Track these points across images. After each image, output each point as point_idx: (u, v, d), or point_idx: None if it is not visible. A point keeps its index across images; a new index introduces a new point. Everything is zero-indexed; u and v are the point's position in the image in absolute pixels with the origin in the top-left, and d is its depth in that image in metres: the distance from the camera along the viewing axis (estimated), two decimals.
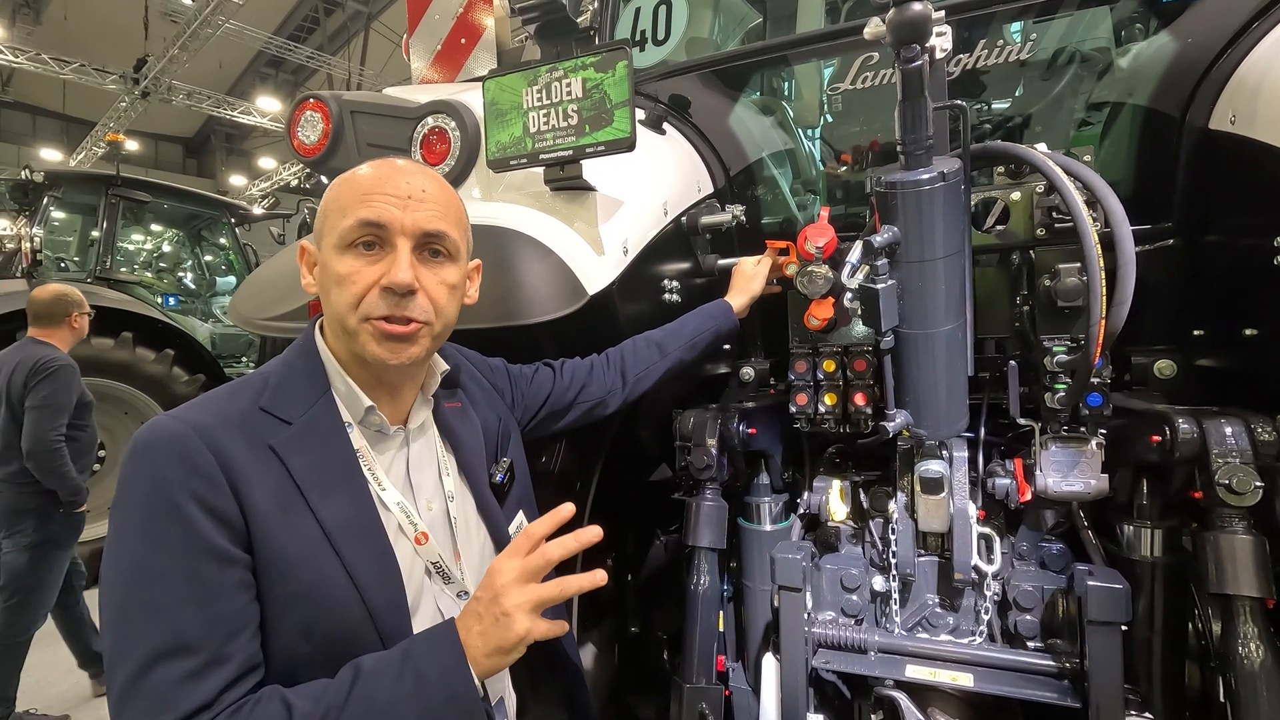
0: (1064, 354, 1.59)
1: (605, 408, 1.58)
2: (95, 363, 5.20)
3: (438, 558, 1.10)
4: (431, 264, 1.07)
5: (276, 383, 1.05)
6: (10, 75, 17.70)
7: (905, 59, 1.25)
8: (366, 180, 1.04)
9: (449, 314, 1.10)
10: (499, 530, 1.24)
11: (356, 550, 0.98)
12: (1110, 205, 1.43)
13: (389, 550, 1.02)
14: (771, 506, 2.05)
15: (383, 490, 1.07)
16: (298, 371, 1.08)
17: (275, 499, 0.95)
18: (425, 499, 1.14)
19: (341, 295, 1.02)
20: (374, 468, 1.07)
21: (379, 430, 1.10)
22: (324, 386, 1.07)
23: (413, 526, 1.08)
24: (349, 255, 1.02)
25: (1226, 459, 1.43)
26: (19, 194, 6.22)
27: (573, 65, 1.50)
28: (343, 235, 1.02)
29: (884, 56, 1.94)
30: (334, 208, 1.04)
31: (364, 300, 1.01)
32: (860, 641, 1.70)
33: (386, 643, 0.98)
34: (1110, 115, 1.91)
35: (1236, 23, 1.61)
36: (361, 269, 1.01)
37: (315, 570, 0.95)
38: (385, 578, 1.01)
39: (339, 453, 1.04)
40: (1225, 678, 1.43)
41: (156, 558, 0.87)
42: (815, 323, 1.78)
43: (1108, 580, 1.45)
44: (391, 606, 1.01)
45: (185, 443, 0.91)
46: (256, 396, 1.02)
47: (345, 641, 0.96)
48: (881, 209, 1.45)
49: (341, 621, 0.96)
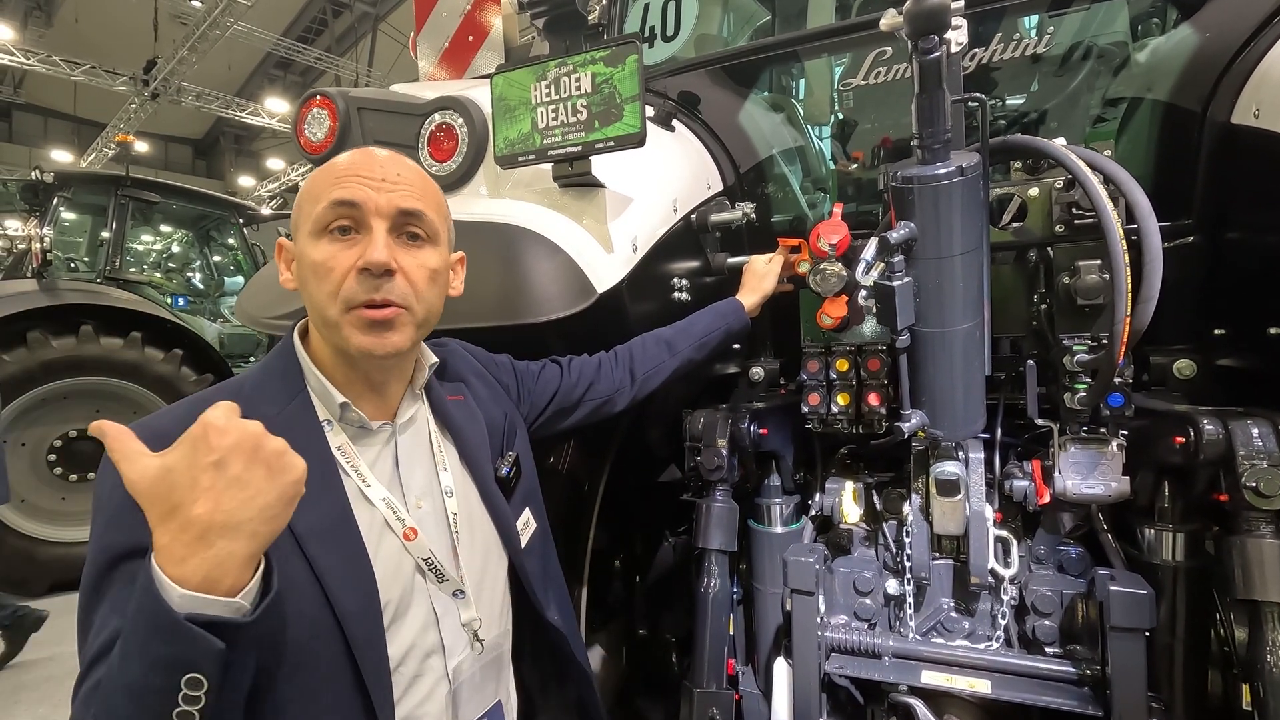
0: (1084, 353, 1.56)
1: (613, 406, 1.56)
2: (104, 362, 5.23)
3: (429, 554, 1.07)
4: (410, 247, 1.04)
5: (253, 385, 1.04)
6: (22, 77, 17.88)
7: (923, 50, 1.22)
8: (340, 165, 1.02)
9: (430, 300, 1.07)
10: (505, 525, 1.22)
11: (325, 552, 0.95)
12: (1136, 199, 1.40)
13: (362, 553, 0.99)
14: (783, 508, 2.01)
15: (367, 486, 1.04)
16: (274, 372, 1.06)
17: None
18: (415, 496, 1.11)
19: (320, 285, 0.99)
20: (357, 464, 1.04)
21: (361, 426, 1.07)
22: (299, 385, 1.05)
23: (400, 523, 1.05)
24: (324, 241, 0.99)
25: (1253, 461, 1.39)
26: (30, 194, 6.26)
27: (582, 60, 1.47)
28: (316, 220, 0.99)
29: (897, 51, 1.91)
30: (308, 196, 1.02)
31: (343, 287, 0.98)
32: (874, 646, 1.68)
33: (356, 652, 0.94)
34: (1128, 111, 1.87)
35: (1260, 15, 1.58)
36: (337, 254, 0.98)
37: (279, 574, 0.90)
38: (356, 581, 0.97)
39: (312, 451, 1.00)
40: (1251, 685, 1.40)
41: (107, 565, 0.85)
42: (828, 321, 1.75)
43: (1131, 585, 1.42)
44: (363, 613, 0.96)
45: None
46: (231, 399, 0.99)
47: (310, 650, 0.92)
48: (898, 204, 1.43)
49: (307, 628, 0.92)
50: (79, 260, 6.93)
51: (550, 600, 1.29)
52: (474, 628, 1.13)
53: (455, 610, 1.11)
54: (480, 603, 1.15)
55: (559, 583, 1.36)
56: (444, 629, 1.09)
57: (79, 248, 7.15)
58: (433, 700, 1.07)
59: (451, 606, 1.11)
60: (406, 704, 1.03)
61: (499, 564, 1.22)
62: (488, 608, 1.17)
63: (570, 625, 1.34)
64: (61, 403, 5.21)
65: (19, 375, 4.91)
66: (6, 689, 3.79)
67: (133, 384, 5.41)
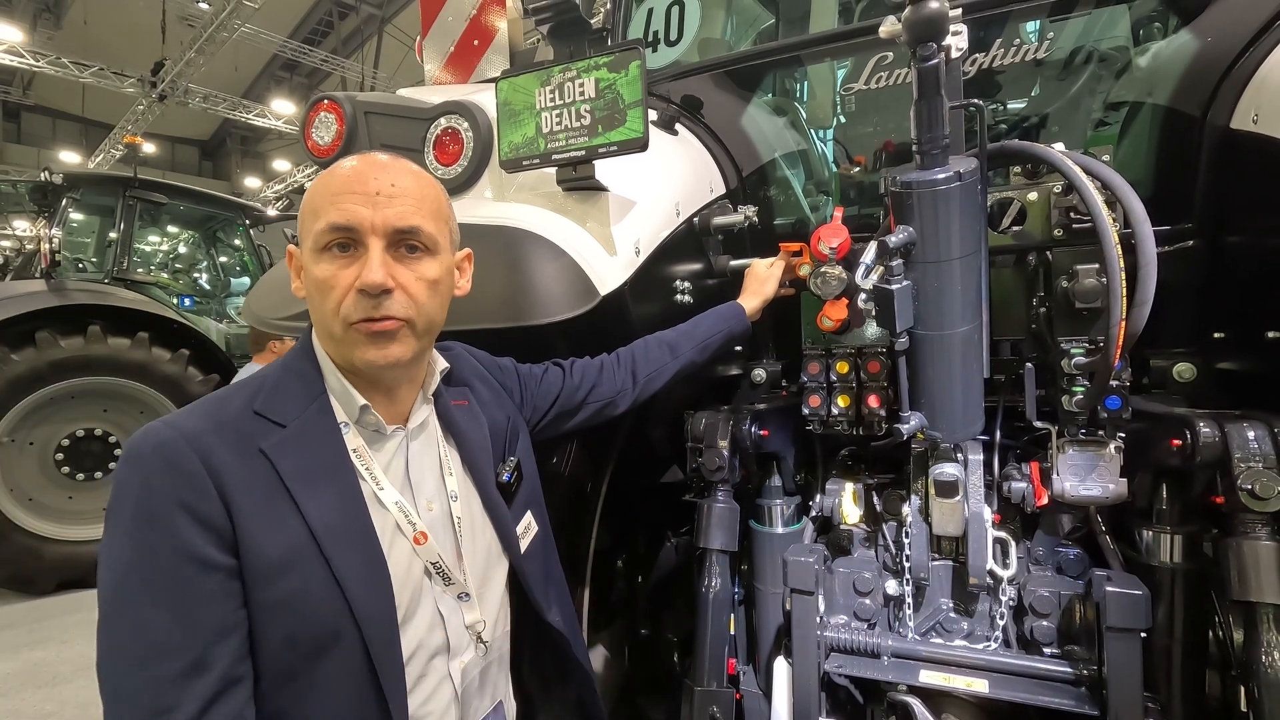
0: (1082, 356, 1.57)
1: (615, 408, 1.57)
2: (111, 362, 5.27)
3: (437, 558, 1.09)
4: (408, 260, 1.04)
5: (272, 385, 1.05)
6: (31, 79, 17.99)
7: (921, 57, 1.24)
8: (336, 180, 1.02)
9: (430, 310, 1.08)
10: (505, 530, 1.23)
11: (345, 554, 0.97)
12: (1131, 204, 1.41)
13: (379, 556, 1.01)
14: (783, 509, 2.03)
15: (380, 490, 1.06)
16: (293, 374, 1.07)
17: (263, 503, 0.94)
18: (426, 498, 1.12)
19: (324, 302, 1.01)
20: (371, 467, 1.06)
21: (376, 430, 1.09)
22: (319, 388, 1.06)
23: (411, 526, 1.07)
24: (324, 260, 1.01)
25: (1249, 463, 1.40)
26: (38, 195, 6.30)
27: (586, 65, 1.50)
28: (316, 239, 1.01)
29: (898, 56, 1.92)
30: (308, 210, 1.04)
31: (343, 305, 1.00)
32: (873, 646, 1.69)
33: (373, 652, 0.96)
34: (1128, 115, 1.88)
35: (1259, 20, 1.58)
36: (337, 273, 1.00)
37: (300, 575, 0.94)
38: (374, 584, 0.99)
39: (332, 454, 1.03)
40: (1247, 687, 1.40)
41: (140, 563, 0.88)
42: (829, 324, 1.77)
43: (1127, 586, 1.43)
44: (379, 615, 0.99)
45: (173, 449, 0.91)
46: (251, 400, 1.01)
47: (329, 650, 0.95)
48: (897, 209, 1.44)
49: (326, 629, 0.95)
50: (87, 261, 6.98)
51: (552, 602, 1.31)
52: (478, 629, 1.15)
53: (460, 612, 1.13)
54: (483, 605, 1.17)
55: (560, 584, 1.38)
56: (449, 630, 1.11)
57: (87, 248, 7.20)
58: (437, 699, 1.09)
59: (456, 608, 1.12)
60: (412, 703, 1.04)
61: (499, 567, 1.24)
62: (490, 610, 1.19)
63: (571, 627, 1.35)
64: (69, 402, 5.26)
65: (27, 375, 4.95)
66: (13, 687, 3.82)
67: (140, 384, 5.45)
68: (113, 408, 5.45)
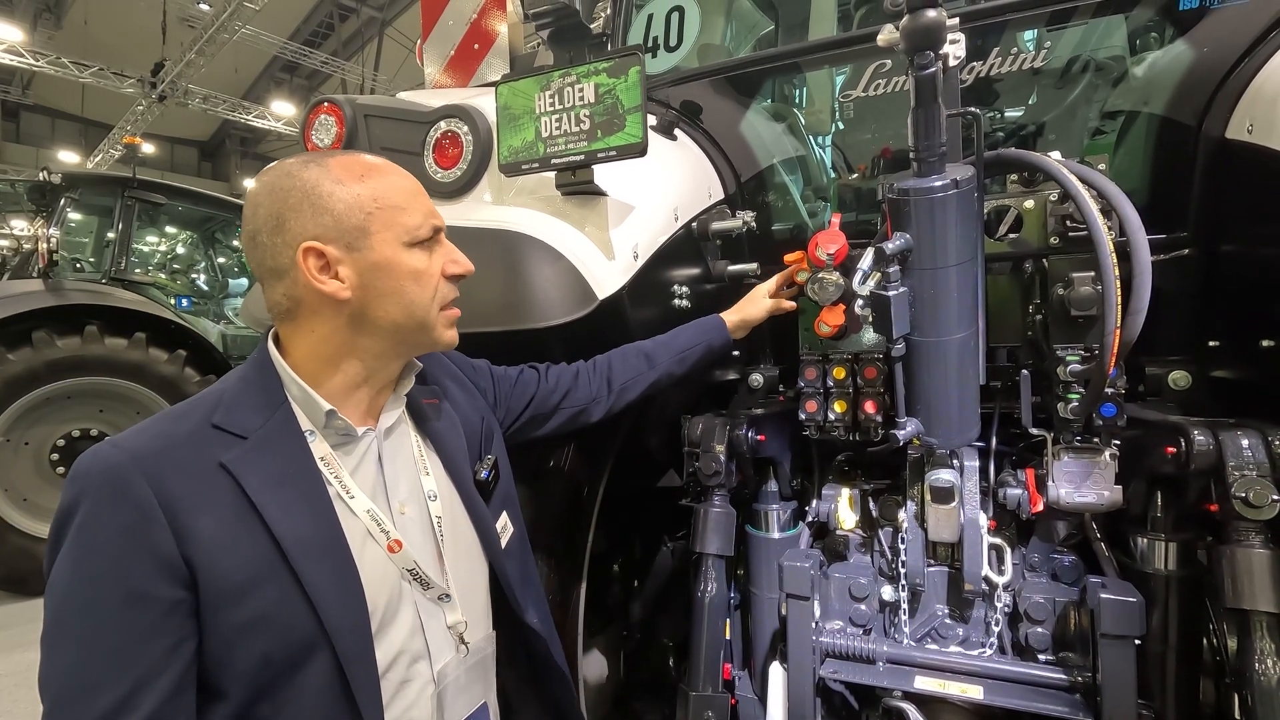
0: (1077, 363, 1.58)
1: (589, 415, 1.56)
2: (108, 363, 5.25)
3: (413, 564, 1.07)
4: None
5: (231, 398, 1.02)
6: (31, 78, 17.98)
7: (919, 66, 1.25)
8: (406, 180, 1.11)
9: None
10: (485, 528, 1.23)
11: (314, 566, 0.94)
12: (1125, 213, 1.42)
13: (351, 566, 0.99)
14: (780, 514, 2.03)
15: (351, 498, 1.03)
16: (252, 384, 1.04)
17: (225, 521, 0.91)
18: (399, 501, 1.11)
19: (422, 290, 1.08)
20: (340, 475, 1.04)
21: (345, 434, 1.07)
22: (280, 396, 1.04)
23: (385, 535, 1.05)
24: (418, 251, 1.09)
25: (1243, 471, 1.41)
26: (37, 195, 6.28)
27: (585, 70, 1.50)
28: (411, 234, 1.07)
29: (897, 63, 1.93)
30: (387, 204, 1.05)
31: (438, 291, 1.11)
32: (868, 651, 1.69)
33: (345, 665, 0.94)
34: (1125, 124, 1.89)
35: (1254, 31, 1.60)
36: (431, 263, 1.10)
37: (269, 591, 0.91)
38: (346, 595, 0.97)
39: (298, 464, 1.00)
40: (1241, 694, 1.41)
41: (80, 592, 0.86)
42: (826, 329, 1.77)
43: (1121, 593, 1.43)
44: (352, 627, 0.97)
45: (120, 474, 0.88)
46: (209, 414, 0.98)
47: (302, 665, 0.93)
48: (894, 216, 1.45)
49: (299, 644, 0.92)
50: (85, 261, 6.95)
51: (529, 603, 1.30)
52: (459, 630, 1.14)
53: (441, 614, 1.12)
54: (465, 606, 1.16)
55: (537, 586, 1.38)
56: (429, 633, 1.10)
57: (85, 248, 7.17)
58: (419, 705, 1.07)
59: (436, 611, 1.11)
60: (394, 709, 1.03)
61: (481, 567, 1.24)
62: (472, 610, 1.18)
63: (549, 629, 1.34)
64: (65, 402, 5.23)
65: (23, 374, 4.92)
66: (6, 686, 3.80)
67: (136, 384, 5.42)
68: (109, 408, 5.42)
